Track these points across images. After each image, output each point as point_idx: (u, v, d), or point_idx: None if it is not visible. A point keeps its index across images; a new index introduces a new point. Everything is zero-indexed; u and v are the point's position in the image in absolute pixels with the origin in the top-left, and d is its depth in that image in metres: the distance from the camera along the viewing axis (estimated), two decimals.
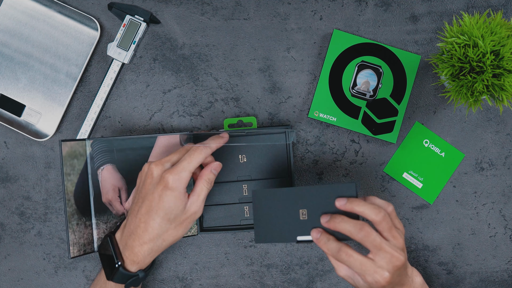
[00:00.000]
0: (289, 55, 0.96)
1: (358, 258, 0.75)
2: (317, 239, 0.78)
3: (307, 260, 0.96)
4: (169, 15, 0.96)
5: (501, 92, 0.81)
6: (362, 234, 0.74)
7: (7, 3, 0.95)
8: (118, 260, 0.82)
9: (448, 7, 0.96)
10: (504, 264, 0.96)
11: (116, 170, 0.92)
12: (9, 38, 0.95)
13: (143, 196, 0.82)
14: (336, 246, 0.76)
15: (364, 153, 0.96)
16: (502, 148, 0.96)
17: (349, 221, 0.76)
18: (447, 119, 0.96)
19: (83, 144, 0.91)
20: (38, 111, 0.95)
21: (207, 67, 0.96)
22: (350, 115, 0.94)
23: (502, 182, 0.96)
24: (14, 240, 0.96)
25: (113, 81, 0.94)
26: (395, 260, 0.75)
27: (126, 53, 0.94)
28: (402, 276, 0.78)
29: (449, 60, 0.83)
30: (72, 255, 0.88)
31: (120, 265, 0.82)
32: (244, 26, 0.96)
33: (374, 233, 0.74)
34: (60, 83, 0.95)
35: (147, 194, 0.81)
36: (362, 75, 0.94)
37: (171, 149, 0.93)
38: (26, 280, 0.96)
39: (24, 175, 0.96)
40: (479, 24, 0.81)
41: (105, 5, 0.96)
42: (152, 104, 0.96)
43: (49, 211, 0.96)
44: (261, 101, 0.96)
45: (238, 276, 0.96)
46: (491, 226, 0.96)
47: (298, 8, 0.96)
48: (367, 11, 0.96)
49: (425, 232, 0.96)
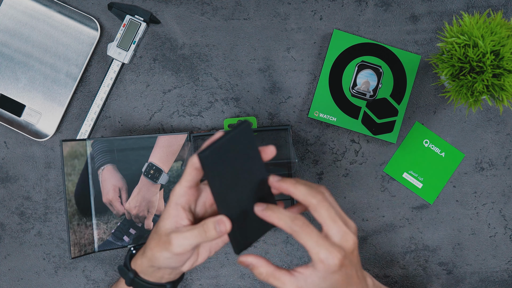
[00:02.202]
0: (289, 55, 0.96)
1: (315, 230, 0.68)
2: (262, 212, 0.70)
3: (307, 260, 0.96)
4: (169, 15, 0.96)
5: (501, 92, 0.81)
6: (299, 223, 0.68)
7: (7, 3, 0.95)
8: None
9: (448, 7, 0.96)
10: (504, 264, 0.96)
11: (116, 170, 0.92)
12: (9, 38, 0.95)
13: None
14: (290, 214, 0.69)
15: (364, 153, 0.96)
16: (502, 148, 0.96)
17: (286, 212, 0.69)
18: (447, 119, 0.96)
19: (83, 144, 0.91)
20: (38, 111, 0.95)
21: (207, 67, 0.96)
22: (350, 115, 0.94)
23: (502, 182, 0.96)
24: (14, 240, 0.96)
25: (113, 81, 0.94)
26: (349, 237, 0.69)
27: (126, 53, 0.94)
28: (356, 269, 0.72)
29: (449, 60, 0.83)
30: (72, 256, 0.88)
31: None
32: (244, 26, 0.96)
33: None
34: (60, 83, 0.95)
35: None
36: (362, 75, 0.95)
37: (172, 149, 0.93)
38: (26, 280, 0.96)
39: (24, 175, 0.96)
40: (479, 24, 0.81)
41: (105, 5, 0.96)
42: (152, 104, 0.96)
43: (49, 211, 0.96)
44: (261, 101, 0.96)
45: (238, 276, 0.96)
46: (491, 226, 0.96)
47: (298, 8, 0.96)
48: (367, 11, 0.96)
49: (425, 232, 0.96)
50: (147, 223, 0.93)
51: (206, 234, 0.71)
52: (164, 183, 0.93)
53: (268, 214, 0.69)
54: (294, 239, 0.96)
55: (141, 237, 0.93)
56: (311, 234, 0.68)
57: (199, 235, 0.71)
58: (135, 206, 0.93)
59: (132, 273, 0.79)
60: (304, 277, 0.69)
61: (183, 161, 0.94)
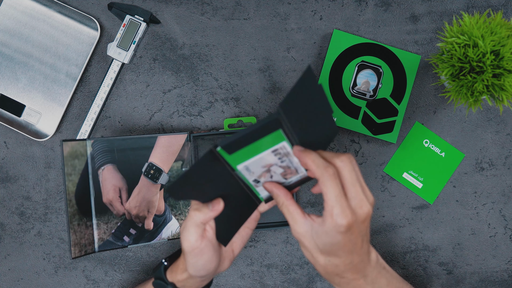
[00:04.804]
0: (289, 55, 0.96)
1: (340, 186, 0.68)
2: (299, 153, 0.70)
3: (307, 260, 0.96)
4: (169, 15, 0.96)
5: (501, 92, 0.81)
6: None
7: (7, 3, 0.94)
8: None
9: (448, 7, 0.96)
10: (504, 264, 0.96)
11: (116, 170, 0.92)
12: (9, 38, 0.95)
13: None
14: (325, 162, 0.68)
15: (364, 153, 0.96)
16: (502, 148, 0.96)
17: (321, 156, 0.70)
18: (447, 119, 0.96)
19: (84, 144, 0.91)
20: (38, 111, 0.95)
21: (207, 67, 0.96)
22: (350, 115, 0.94)
23: (502, 182, 0.96)
24: (14, 240, 0.96)
25: (113, 81, 0.94)
26: (365, 206, 0.69)
27: (126, 53, 0.94)
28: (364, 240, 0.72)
29: (449, 60, 0.83)
30: (73, 256, 0.88)
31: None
32: (244, 26, 0.96)
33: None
34: (60, 83, 0.95)
35: None
36: (362, 75, 0.95)
37: (172, 149, 0.93)
38: (26, 280, 0.96)
39: (24, 175, 0.96)
40: (479, 24, 0.81)
41: (105, 5, 0.96)
42: (152, 104, 0.96)
43: (49, 211, 0.96)
44: (261, 101, 0.96)
45: (238, 276, 0.96)
46: (491, 226, 0.96)
47: (298, 8, 0.96)
48: (367, 11, 0.96)
49: (425, 232, 0.96)
50: (147, 223, 0.93)
51: (203, 214, 0.74)
52: (164, 183, 0.93)
53: (304, 155, 0.70)
54: (294, 239, 0.96)
55: (141, 237, 0.93)
56: (335, 187, 0.68)
57: (191, 219, 0.74)
58: (135, 206, 0.93)
59: (171, 286, 0.81)
60: (313, 224, 0.70)
61: (183, 161, 0.94)
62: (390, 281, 0.78)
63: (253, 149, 0.70)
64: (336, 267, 0.71)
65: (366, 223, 0.70)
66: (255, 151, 0.70)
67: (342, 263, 0.71)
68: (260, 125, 0.66)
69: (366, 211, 0.69)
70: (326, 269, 0.72)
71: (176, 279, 0.80)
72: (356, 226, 0.69)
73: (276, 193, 0.73)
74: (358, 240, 0.70)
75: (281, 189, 0.73)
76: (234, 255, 0.81)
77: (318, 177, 0.68)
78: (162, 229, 0.94)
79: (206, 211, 0.73)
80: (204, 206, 0.74)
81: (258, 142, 0.69)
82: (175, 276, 0.80)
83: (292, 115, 0.69)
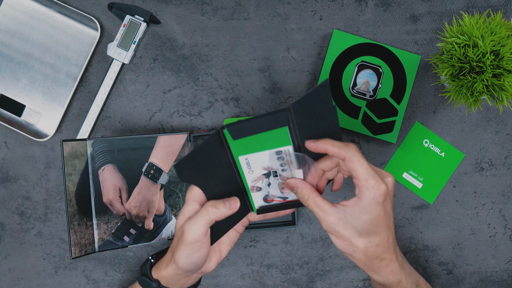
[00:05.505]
0: (289, 55, 0.96)
1: (365, 160, 0.71)
2: (314, 144, 0.72)
3: (307, 260, 0.96)
4: (169, 15, 0.96)
5: (501, 92, 0.81)
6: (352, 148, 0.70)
7: (7, 3, 0.95)
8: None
9: (448, 7, 0.96)
10: (504, 264, 0.96)
11: (116, 170, 0.92)
12: (9, 38, 0.95)
13: None
14: (342, 142, 0.71)
15: (364, 153, 0.96)
16: (502, 148, 0.96)
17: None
18: (447, 119, 0.96)
19: (84, 144, 0.91)
20: (38, 111, 0.95)
21: (207, 67, 0.96)
22: (350, 115, 0.94)
23: (502, 182, 0.96)
24: (14, 240, 0.96)
25: (113, 81, 0.94)
26: (389, 178, 0.72)
27: (126, 53, 0.94)
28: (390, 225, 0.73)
29: (449, 60, 0.83)
30: (73, 256, 0.88)
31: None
32: (244, 26, 0.96)
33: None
34: (60, 83, 0.95)
35: None
36: (362, 75, 0.95)
37: (172, 149, 0.93)
38: (26, 280, 0.96)
39: (24, 175, 0.96)
40: (479, 24, 0.81)
41: (105, 5, 0.96)
42: (152, 104, 0.96)
43: (49, 211, 0.96)
44: (261, 101, 0.96)
45: (238, 276, 0.96)
46: (491, 226, 0.96)
47: (298, 8, 0.96)
48: (367, 11, 0.96)
49: (425, 232, 0.96)
50: (147, 223, 0.93)
51: (219, 211, 0.73)
52: (164, 183, 0.93)
53: (320, 142, 0.71)
54: (294, 239, 0.96)
55: (142, 237, 0.93)
56: (362, 160, 0.69)
57: (206, 214, 0.73)
58: (136, 206, 0.93)
59: (156, 283, 0.80)
60: (345, 208, 0.70)
61: None
62: (410, 266, 0.80)
63: (257, 143, 0.70)
64: (376, 247, 0.72)
65: (392, 195, 0.72)
66: (259, 146, 0.70)
67: (382, 242, 0.71)
68: (268, 114, 0.67)
69: (392, 183, 0.71)
70: (367, 252, 0.72)
71: (160, 275, 0.80)
72: (389, 195, 0.71)
73: (300, 187, 0.73)
74: (391, 211, 0.72)
75: (305, 183, 0.74)
76: (221, 257, 0.81)
77: (343, 157, 0.70)
78: (162, 229, 0.94)
79: (224, 209, 0.74)
80: (220, 203, 0.74)
81: (263, 136, 0.69)
82: (159, 272, 0.80)
83: (300, 118, 0.70)
